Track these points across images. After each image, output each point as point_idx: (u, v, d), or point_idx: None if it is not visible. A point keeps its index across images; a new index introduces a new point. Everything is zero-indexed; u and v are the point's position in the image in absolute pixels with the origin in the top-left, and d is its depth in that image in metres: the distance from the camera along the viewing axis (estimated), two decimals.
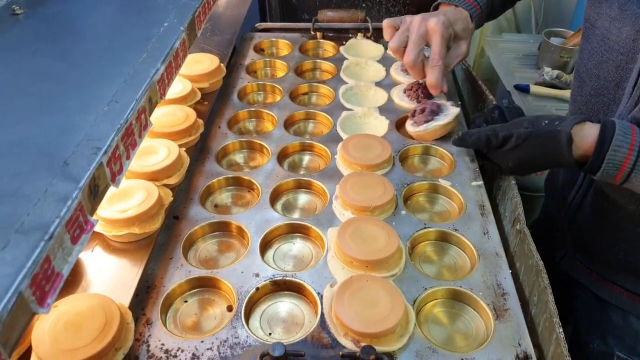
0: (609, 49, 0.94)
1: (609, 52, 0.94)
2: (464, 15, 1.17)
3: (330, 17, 1.65)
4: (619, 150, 0.84)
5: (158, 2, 0.95)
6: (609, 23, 0.93)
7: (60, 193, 0.53)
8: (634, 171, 0.84)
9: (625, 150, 0.84)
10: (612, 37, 0.93)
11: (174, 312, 0.85)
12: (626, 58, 0.91)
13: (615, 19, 0.91)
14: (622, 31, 0.90)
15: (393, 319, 0.75)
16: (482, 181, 1.10)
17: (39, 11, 0.90)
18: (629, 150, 0.84)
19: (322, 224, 0.97)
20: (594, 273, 1.12)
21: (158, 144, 1.04)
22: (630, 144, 0.84)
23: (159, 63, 0.77)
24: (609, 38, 0.93)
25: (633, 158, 0.84)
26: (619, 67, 0.93)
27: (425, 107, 1.18)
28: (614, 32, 0.92)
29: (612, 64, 0.94)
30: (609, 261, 1.08)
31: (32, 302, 0.47)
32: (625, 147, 0.84)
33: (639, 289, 1.05)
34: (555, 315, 0.78)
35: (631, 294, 1.06)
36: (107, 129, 0.63)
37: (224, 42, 1.54)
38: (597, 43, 0.97)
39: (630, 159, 0.84)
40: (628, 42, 0.90)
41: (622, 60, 0.92)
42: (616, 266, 1.07)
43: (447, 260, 0.95)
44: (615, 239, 1.05)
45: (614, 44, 0.93)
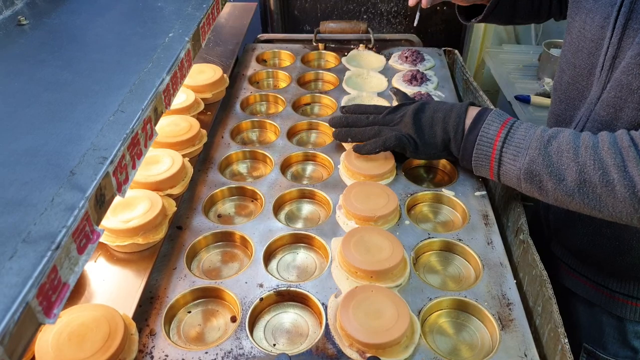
0: (584, 38, 0.97)
1: (584, 41, 0.97)
2: None
3: (332, 29, 1.66)
4: (492, 124, 0.96)
5: (163, 13, 0.96)
6: (585, 15, 0.97)
7: (66, 202, 0.53)
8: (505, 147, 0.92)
9: (498, 124, 0.95)
10: (587, 27, 0.96)
11: (178, 322, 0.84)
12: (596, 45, 0.94)
13: (590, 10, 0.95)
14: (594, 20, 0.94)
15: (398, 330, 0.75)
16: (485, 191, 1.10)
17: (45, 22, 0.91)
18: (501, 124, 0.95)
19: (326, 234, 0.97)
20: (564, 264, 1.13)
21: (162, 153, 1.04)
22: (502, 123, 0.95)
23: (165, 73, 0.77)
24: (584, 28, 0.97)
25: (505, 132, 0.93)
26: (590, 54, 0.96)
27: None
28: (588, 22, 0.96)
29: (585, 52, 0.97)
30: (576, 250, 1.10)
31: (38, 313, 0.46)
32: (498, 122, 0.96)
33: (601, 279, 1.06)
34: (561, 325, 0.77)
35: (595, 285, 1.07)
36: (113, 138, 0.63)
37: (227, 53, 1.55)
38: (575, 34, 1.00)
39: (502, 131, 0.94)
40: (597, 29, 0.93)
41: (592, 48, 0.95)
42: (581, 256, 1.09)
43: (452, 271, 0.95)
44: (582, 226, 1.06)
45: (587, 32, 0.96)
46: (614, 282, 1.05)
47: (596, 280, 1.07)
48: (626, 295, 1.04)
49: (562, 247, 1.13)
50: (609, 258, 1.03)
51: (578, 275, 1.11)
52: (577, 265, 1.10)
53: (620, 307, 1.05)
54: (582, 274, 1.10)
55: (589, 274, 1.08)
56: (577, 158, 0.83)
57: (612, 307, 1.06)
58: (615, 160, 0.79)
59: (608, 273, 1.05)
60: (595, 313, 1.10)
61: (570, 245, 1.11)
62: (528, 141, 0.90)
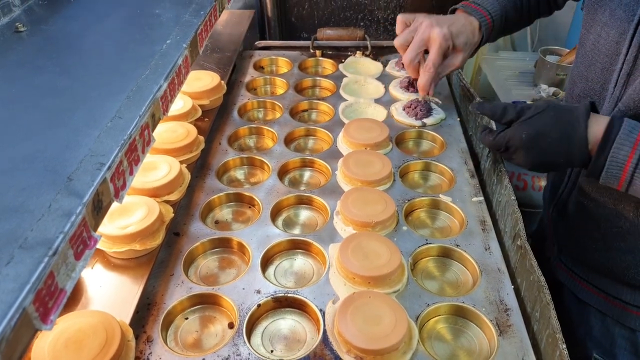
0: (598, 52, 0.98)
1: (598, 55, 0.98)
2: (472, 28, 1.23)
3: (329, 36, 1.67)
4: (622, 147, 0.83)
5: (161, 20, 0.96)
6: (600, 28, 0.97)
7: (64, 208, 0.53)
8: (637, 172, 0.82)
9: (628, 147, 0.83)
10: (602, 41, 0.97)
11: (175, 329, 0.84)
12: (610, 60, 0.95)
13: (605, 24, 0.95)
14: (609, 35, 0.94)
15: (396, 336, 0.75)
16: (482, 197, 1.10)
17: (42, 28, 0.91)
18: (632, 148, 0.82)
19: (324, 240, 0.97)
20: (575, 275, 1.13)
21: (159, 160, 1.04)
22: (634, 142, 0.82)
23: (162, 79, 0.77)
24: (599, 42, 0.97)
25: (636, 156, 0.82)
26: (604, 69, 0.96)
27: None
28: (603, 36, 0.96)
29: (599, 66, 0.98)
30: (588, 262, 1.09)
31: (35, 319, 0.46)
32: (629, 144, 0.82)
33: (614, 290, 1.06)
34: (559, 331, 0.77)
35: (607, 296, 1.07)
36: (110, 144, 0.63)
37: (224, 60, 1.55)
38: (589, 47, 1.01)
39: (633, 156, 0.82)
40: (613, 44, 0.94)
41: (606, 62, 0.96)
42: (594, 267, 1.08)
43: (449, 276, 0.95)
44: (594, 238, 1.05)
45: (602, 47, 0.96)
46: (627, 293, 1.04)
47: (609, 292, 1.06)
48: (638, 307, 1.03)
49: (572, 259, 1.12)
50: (621, 271, 1.02)
51: (590, 287, 1.10)
52: (589, 277, 1.09)
53: (634, 319, 1.04)
54: (595, 286, 1.09)
55: (602, 286, 1.07)
56: None
57: (624, 318, 1.05)
58: None
59: (621, 285, 1.04)
60: (607, 324, 1.09)
61: (581, 258, 1.10)
62: None
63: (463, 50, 1.23)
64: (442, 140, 1.27)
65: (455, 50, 1.23)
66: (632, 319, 1.05)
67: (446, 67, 1.26)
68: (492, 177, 1.15)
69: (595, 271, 1.08)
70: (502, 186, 1.07)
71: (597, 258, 1.06)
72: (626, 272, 1.01)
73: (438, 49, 1.19)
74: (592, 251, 1.06)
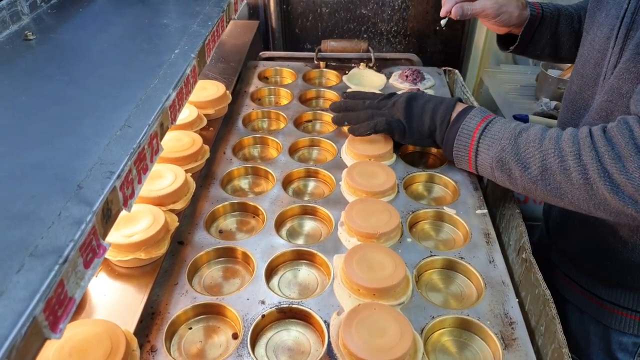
0: (592, 49, 1.02)
1: (592, 52, 1.02)
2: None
3: (333, 47, 1.68)
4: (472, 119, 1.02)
5: (169, 30, 0.97)
6: (597, 28, 1.01)
7: (74, 216, 0.53)
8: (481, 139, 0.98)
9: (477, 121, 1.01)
10: (596, 39, 1.01)
11: (179, 339, 0.83)
12: (601, 55, 0.99)
13: (601, 23, 0.99)
14: (602, 32, 0.98)
15: (401, 348, 0.75)
16: (486, 209, 1.10)
17: (51, 37, 0.92)
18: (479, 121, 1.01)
19: (328, 250, 0.97)
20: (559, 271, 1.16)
21: (165, 169, 1.04)
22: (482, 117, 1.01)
23: (171, 89, 0.78)
24: (594, 40, 1.01)
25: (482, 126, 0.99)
26: (596, 64, 1.00)
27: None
28: (598, 35, 1.00)
29: (592, 62, 1.02)
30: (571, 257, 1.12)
31: (45, 327, 0.46)
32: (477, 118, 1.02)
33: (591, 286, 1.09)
34: (565, 345, 0.77)
35: (585, 291, 1.10)
36: (120, 153, 0.63)
37: (229, 70, 1.56)
38: (586, 47, 1.04)
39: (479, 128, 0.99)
40: (604, 40, 0.98)
41: (598, 58, 1.00)
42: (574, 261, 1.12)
43: (454, 289, 0.95)
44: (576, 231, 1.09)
45: (595, 44, 1.00)
46: (603, 289, 1.07)
47: (587, 288, 1.10)
48: (613, 304, 1.06)
49: (560, 255, 1.14)
50: (598, 263, 1.05)
51: (572, 283, 1.13)
52: (572, 273, 1.13)
53: (607, 315, 1.07)
54: (576, 281, 1.12)
55: (582, 281, 1.11)
56: (541, 147, 0.89)
57: (599, 315, 1.08)
58: (572, 148, 0.85)
59: (598, 280, 1.08)
60: (584, 321, 1.12)
61: (567, 251, 1.13)
62: (502, 133, 0.97)
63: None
64: None
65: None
66: (607, 315, 1.08)
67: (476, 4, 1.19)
68: (496, 190, 1.15)
69: (576, 266, 1.12)
70: (507, 199, 1.08)
71: (578, 251, 1.09)
72: (601, 265, 1.05)
73: None
74: (575, 243, 1.09)
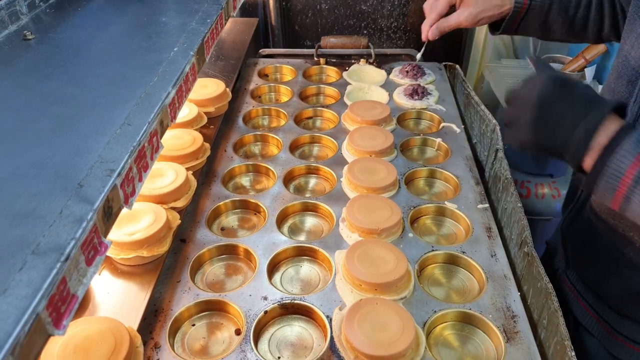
0: (627, 64, 0.94)
1: (626, 68, 0.94)
2: None
3: (333, 44, 1.68)
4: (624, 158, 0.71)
5: (168, 28, 0.97)
6: (634, 40, 0.93)
7: (75, 214, 0.53)
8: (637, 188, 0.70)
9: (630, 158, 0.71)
10: (632, 53, 0.93)
11: (182, 335, 0.84)
12: (636, 73, 0.91)
13: (639, 35, 0.91)
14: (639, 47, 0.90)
15: (404, 342, 0.75)
16: (487, 204, 1.10)
17: (50, 36, 0.92)
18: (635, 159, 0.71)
19: (329, 246, 0.97)
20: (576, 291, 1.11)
21: (166, 167, 1.05)
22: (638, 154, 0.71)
23: (170, 87, 0.78)
24: (630, 54, 0.93)
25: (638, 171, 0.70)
26: (630, 82, 0.93)
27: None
28: (635, 48, 0.92)
29: (625, 79, 0.94)
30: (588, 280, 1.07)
31: (48, 324, 0.46)
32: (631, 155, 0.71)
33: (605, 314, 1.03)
34: (567, 338, 0.77)
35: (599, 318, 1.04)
36: (120, 151, 0.63)
37: (229, 68, 1.56)
38: (621, 59, 0.97)
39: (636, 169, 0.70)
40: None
41: (632, 76, 0.92)
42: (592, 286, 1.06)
43: (456, 283, 0.95)
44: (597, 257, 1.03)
45: (631, 59, 0.93)
46: (617, 320, 1.02)
47: (602, 315, 1.04)
48: (624, 336, 1.01)
49: (577, 275, 1.10)
50: (615, 294, 1.00)
51: (587, 306, 1.07)
52: (588, 296, 1.07)
53: (618, 347, 1.02)
54: (591, 306, 1.06)
55: (597, 307, 1.05)
56: None
57: (610, 344, 1.03)
58: None
59: (615, 311, 1.02)
60: (594, 346, 1.07)
61: (585, 276, 1.08)
62: None
63: (473, 5, 1.19)
64: (446, 147, 1.28)
65: (464, 3, 1.20)
66: (618, 347, 1.02)
67: (452, 18, 1.21)
68: (498, 185, 1.15)
69: (592, 291, 1.06)
70: (508, 193, 1.08)
71: (596, 278, 1.04)
72: (619, 299, 1.00)
73: None
74: (592, 269, 1.05)
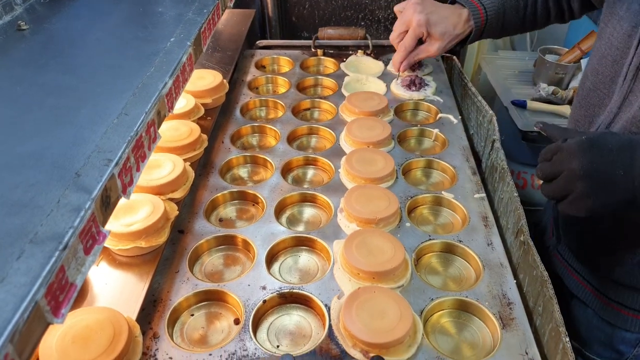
0: (610, 45, 0.97)
1: (610, 48, 0.97)
2: (457, 19, 1.29)
3: (331, 35, 1.67)
4: None
5: (164, 18, 0.97)
6: (616, 22, 0.96)
7: (73, 204, 0.54)
8: None
9: None
10: (615, 34, 0.96)
11: (181, 325, 0.84)
12: (621, 53, 0.94)
13: (621, 17, 0.94)
14: (622, 28, 0.94)
15: (401, 330, 0.75)
16: (484, 193, 1.10)
17: (45, 27, 0.91)
18: None
19: (328, 236, 0.98)
20: (569, 265, 1.14)
21: (163, 158, 1.05)
22: None
23: (167, 77, 0.78)
24: (613, 35, 0.97)
25: None
26: (615, 62, 0.96)
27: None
28: (617, 29, 0.95)
29: (610, 59, 0.97)
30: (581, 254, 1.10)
31: (47, 312, 0.46)
32: None
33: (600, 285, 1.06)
34: (562, 324, 0.78)
35: (593, 289, 1.08)
36: (117, 141, 0.64)
37: (226, 59, 1.55)
38: (604, 41, 1.00)
39: None
40: (624, 37, 0.93)
41: (617, 55, 0.95)
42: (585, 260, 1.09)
43: (452, 271, 0.96)
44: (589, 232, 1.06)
45: (614, 40, 0.96)
46: (611, 289, 1.05)
47: (597, 287, 1.07)
48: (620, 304, 1.04)
49: (569, 250, 1.13)
50: (608, 265, 1.03)
51: (581, 279, 1.11)
52: (582, 270, 1.10)
53: (614, 315, 1.06)
54: (585, 279, 1.10)
55: (592, 280, 1.08)
56: None
57: (605, 313, 1.07)
58: None
59: (607, 280, 1.05)
60: (588, 315, 1.10)
61: (577, 250, 1.11)
62: None
63: (440, 40, 1.31)
64: (443, 138, 1.28)
65: (431, 37, 1.32)
66: (613, 315, 1.06)
67: (421, 51, 1.37)
68: (494, 175, 1.15)
69: (586, 264, 1.09)
70: (505, 183, 1.08)
71: (590, 252, 1.07)
72: (615, 270, 1.02)
73: (411, 33, 1.32)
74: (586, 244, 1.07)
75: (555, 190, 0.79)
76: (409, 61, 1.38)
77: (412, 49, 1.36)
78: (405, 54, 1.36)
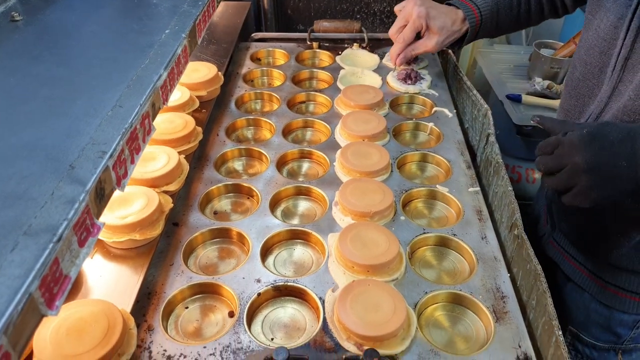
0: (597, 36, 0.99)
1: (597, 40, 0.99)
2: (454, 17, 1.31)
3: (326, 28, 1.67)
4: None
5: (159, 10, 0.96)
6: (603, 13, 0.98)
7: (67, 196, 0.53)
8: None
9: None
10: (602, 26, 0.98)
11: (175, 318, 0.84)
12: (608, 44, 0.96)
13: (608, 9, 0.96)
14: (609, 19, 0.95)
15: (395, 323, 0.76)
16: (478, 187, 1.11)
17: (39, 18, 0.91)
18: None
19: (323, 230, 0.98)
20: (565, 252, 1.16)
21: (158, 150, 1.04)
22: None
23: (162, 69, 0.77)
24: (600, 27, 0.99)
25: None
26: (602, 53, 0.98)
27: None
28: (604, 21, 0.97)
29: (597, 50, 0.99)
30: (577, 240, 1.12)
31: (41, 304, 0.46)
32: None
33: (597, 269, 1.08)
34: (555, 318, 0.78)
35: (590, 273, 1.10)
36: (112, 133, 0.63)
37: (221, 52, 1.55)
38: (591, 32, 1.02)
39: None
40: (611, 29, 0.95)
41: (605, 47, 0.97)
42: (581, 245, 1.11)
43: (447, 265, 0.96)
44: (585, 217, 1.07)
45: (601, 31, 0.98)
46: (607, 272, 1.07)
47: (594, 271, 1.09)
48: (617, 287, 1.06)
49: (564, 237, 1.15)
50: (604, 249, 1.04)
51: (578, 265, 1.13)
52: (578, 256, 1.12)
53: (611, 297, 1.08)
54: (582, 264, 1.12)
55: (588, 265, 1.10)
56: None
57: (602, 296, 1.09)
58: None
59: (603, 264, 1.07)
60: (585, 299, 1.12)
61: (572, 235, 1.13)
62: None
63: (438, 34, 1.32)
64: (438, 132, 1.28)
65: (430, 31, 1.33)
66: (610, 297, 1.08)
67: (419, 45, 1.37)
68: (489, 169, 1.15)
69: (582, 250, 1.11)
70: (499, 177, 1.08)
71: (586, 238, 1.08)
72: (613, 254, 1.04)
73: (411, 25, 1.33)
74: (582, 231, 1.09)
75: (559, 184, 0.80)
76: (406, 55, 1.39)
77: (411, 42, 1.37)
78: (404, 46, 1.37)
